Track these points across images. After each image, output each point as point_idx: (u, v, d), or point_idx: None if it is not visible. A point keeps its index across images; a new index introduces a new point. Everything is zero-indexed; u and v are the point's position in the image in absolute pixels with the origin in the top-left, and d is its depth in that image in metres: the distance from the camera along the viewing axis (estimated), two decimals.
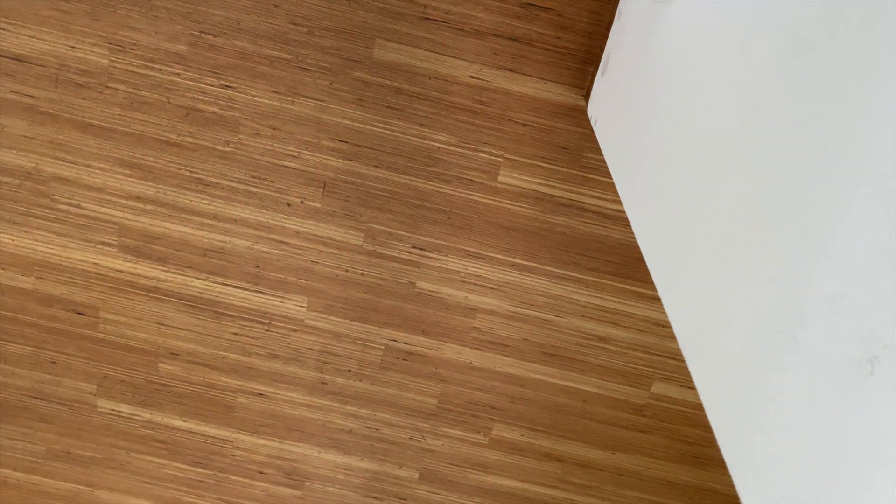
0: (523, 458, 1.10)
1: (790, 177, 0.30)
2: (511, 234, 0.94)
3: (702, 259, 0.38)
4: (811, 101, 0.30)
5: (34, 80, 0.89)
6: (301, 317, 1.01)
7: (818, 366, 0.25)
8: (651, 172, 0.51)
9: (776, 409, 0.27)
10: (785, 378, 0.28)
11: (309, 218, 0.95)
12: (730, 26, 0.41)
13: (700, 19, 0.46)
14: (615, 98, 0.69)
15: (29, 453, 1.16)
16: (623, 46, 0.70)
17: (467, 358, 1.03)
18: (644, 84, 0.58)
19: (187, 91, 0.89)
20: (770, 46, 0.35)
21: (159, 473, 1.16)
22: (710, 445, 1.07)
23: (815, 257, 0.27)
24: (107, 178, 0.94)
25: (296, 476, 1.15)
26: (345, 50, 0.86)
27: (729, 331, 0.32)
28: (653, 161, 0.51)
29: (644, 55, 0.60)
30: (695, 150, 0.43)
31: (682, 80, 0.48)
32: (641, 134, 0.56)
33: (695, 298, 0.37)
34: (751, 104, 0.36)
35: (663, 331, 0.99)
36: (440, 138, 0.89)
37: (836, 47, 0.28)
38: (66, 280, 1.01)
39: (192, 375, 1.07)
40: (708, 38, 0.44)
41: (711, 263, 0.37)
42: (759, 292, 0.31)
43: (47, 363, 1.07)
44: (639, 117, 0.58)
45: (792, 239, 0.29)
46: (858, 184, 0.25)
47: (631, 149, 0.58)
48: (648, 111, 0.56)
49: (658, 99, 0.53)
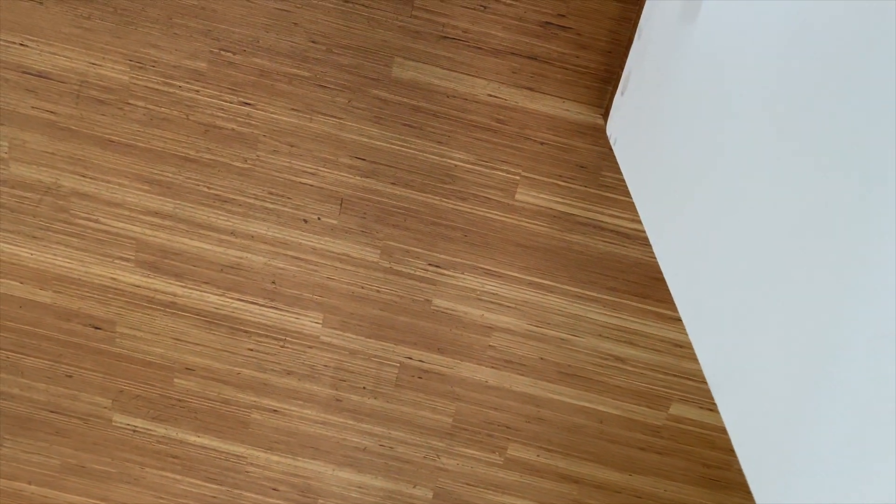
0: (539, 479, 1.09)
1: (827, 201, 0.29)
2: (528, 253, 0.94)
3: (727, 284, 0.37)
4: (850, 119, 0.29)
5: (56, 97, 0.90)
6: (316, 333, 1.01)
7: (856, 402, 0.25)
8: (674, 193, 0.50)
9: (809, 445, 0.27)
10: (820, 414, 0.27)
11: (325, 235, 0.95)
12: (757, 43, 0.40)
13: (725, 38, 0.46)
14: (635, 117, 0.69)
15: (44, 467, 1.16)
16: (644, 65, 0.69)
17: (483, 377, 1.02)
18: (666, 103, 0.58)
19: (206, 108, 0.89)
20: (803, 64, 0.34)
21: (173, 489, 1.16)
22: (728, 468, 1.05)
23: (854, 286, 0.26)
24: (125, 193, 0.94)
25: (310, 494, 1.14)
26: (363, 68, 0.86)
27: (759, 362, 0.31)
28: (676, 181, 0.51)
29: (666, 74, 0.60)
30: (722, 171, 0.42)
31: (708, 99, 0.47)
32: (664, 154, 0.55)
33: (721, 323, 0.37)
34: (784, 123, 0.35)
35: (682, 351, 0.98)
36: (458, 156, 0.89)
37: (875, 66, 0.28)
38: (83, 294, 1.01)
39: (208, 391, 1.07)
40: (734, 56, 0.44)
41: (738, 289, 0.36)
42: (793, 321, 0.30)
43: (64, 377, 1.07)
44: (661, 137, 0.57)
45: (829, 268, 0.28)
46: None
47: (652, 169, 0.58)
48: (671, 131, 0.55)
49: (682, 118, 0.52)
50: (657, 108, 0.61)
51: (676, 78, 0.56)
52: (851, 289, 0.26)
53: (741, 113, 0.40)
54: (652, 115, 0.62)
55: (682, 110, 0.52)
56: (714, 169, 0.43)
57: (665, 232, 0.50)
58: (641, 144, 0.64)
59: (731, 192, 0.40)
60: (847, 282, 0.26)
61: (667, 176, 0.53)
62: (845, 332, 0.26)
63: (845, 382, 0.25)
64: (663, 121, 0.58)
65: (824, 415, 0.26)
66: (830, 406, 0.26)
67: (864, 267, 0.26)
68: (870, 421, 0.24)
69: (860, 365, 0.25)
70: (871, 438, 0.23)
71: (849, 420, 0.25)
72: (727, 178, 0.41)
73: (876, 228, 0.25)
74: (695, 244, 0.44)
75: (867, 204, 0.26)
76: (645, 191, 0.58)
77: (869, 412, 0.24)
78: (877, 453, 0.23)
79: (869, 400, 0.24)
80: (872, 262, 0.25)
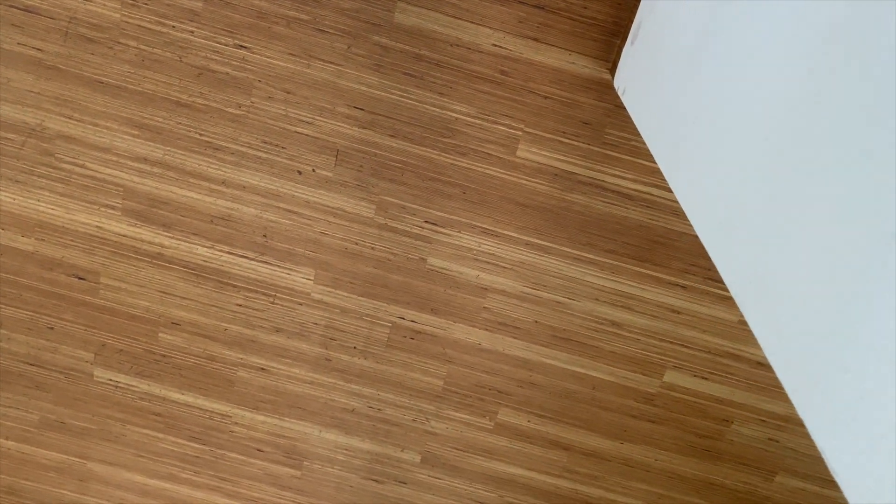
0: (529, 445, 1.07)
1: (849, 139, 0.27)
2: (527, 212, 0.92)
3: (759, 211, 0.36)
4: (875, 52, 0.27)
5: (42, 33, 0.86)
6: (307, 290, 0.99)
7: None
8: (692, 136, 0.48)
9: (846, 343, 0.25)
10: (864, 319, 0.25)
11: (320, 187, 0.92)
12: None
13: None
14: (646, 66, 0.67)
15: (22, 422, 1.13)
16: (656, 15, 0.67)
17: (476, 339, 1.00)
18: (678, 50, 0.56)
19: (200, 50, 0.86)
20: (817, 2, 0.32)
21: (155, 447, 1.14)
22: (720, 438, 1.04)
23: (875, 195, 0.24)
24: (114, 137, 0.91)
25: (295, 455, 1.12)
26: (365, 12, 0.83)
27: (796, 278, 0.30)
28: (693, 124, 0.49)
29: (677, 20, 0.58)
30: (742, 110, 0.40)
31: (721, 42, 0.45)
32: (679, 96, 0.53)
33: (753, 250, 0.35)
34: (800, 60, 0.33)
35: (679, 318, 0.96)
36: (459, 109, 0.87)
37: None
38: (67, 243, 0.98)
39: (193, 347, 1.04)
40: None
41: (771, 220, 0.34)
42: (814, 243, 0.28)
43: (45, 329, 1.04)
44: (675, 81, 0.56)
45: (856, 213, 0.26)
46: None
47: (667, 113, 0.56)
48: (686, 76, 0.53)
49: (694, 63, 0.50)
50: (669, 54, 0.59)
51: (687, 23, 0.54)
52: (870, 197, 0.24)
53: (755, 52, 0.38)
54: (664, 62, 0.60)
55: (694, 55, 0.50)
56: (736, 109, 0.41)
57: (684, 172, 0.48)
58: (653, 90, 0.62)
59: (754, 132, 0.38)
60: (866, 190, 0.25)
61: (683, 118, 0.51)
62: (872, 232, 0.24)
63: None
64: (676, 66, 0.56)
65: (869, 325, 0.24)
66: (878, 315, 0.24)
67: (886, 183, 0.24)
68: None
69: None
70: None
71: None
72: (750, 117, 0.39)
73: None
74: (717, 180, 0.42)
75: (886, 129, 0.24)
76: (660, 137, 0.56)
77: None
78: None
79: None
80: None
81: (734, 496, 1.08)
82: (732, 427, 1.03)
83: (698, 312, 0.96)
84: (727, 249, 0.37)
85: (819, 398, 0.25)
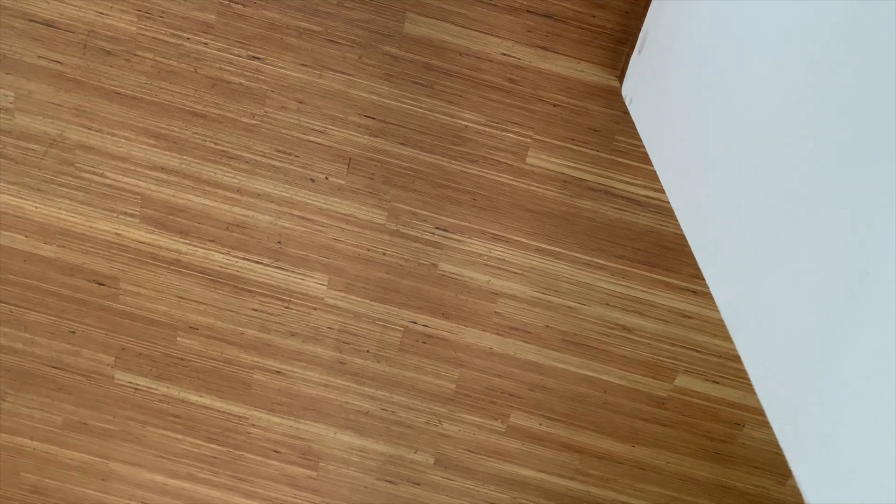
0: (541, 448, 1.08)
1: (854, 163, 0.28)
2: (537, 218, 0.92)
3: (751, 237, 0.36)
4: (879, 63, 0.28)
5: (62, 46, 0.88)
6: (321, 295, 1.00)
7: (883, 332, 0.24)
8: (695, 150, 0.49)
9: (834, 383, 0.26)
10: (844, 352, 0.26)
11: (332, 195, 0.94)
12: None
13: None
14: (652, 76, 0.67)
15: (46, 422, 1.16)
16: (662, 23, 0.68)
17: (487, 343, 1.01)
18: (684, 60, 0.56)
19: (214, 61, 0.88)
20: (824, 12, 0.33)
21: (174, 448, 1.16)
22: (731, 442, 1.05)
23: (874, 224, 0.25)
24: (132, 147, 0.93)
25: (310, 456, 1.14)
26: (375, 23, 0.84)
27: (783, 307, 0.30)
28: (698, 138, 0.49)
29: (684, 31, 0.58)
30: (747, 123, 0.41)
31: (728, 53, 0.46)
32: (684, 110, 0.54)
33: (742, 276, 0.36)
34: (807, 73, 0.34)
35: (690, 322, 0.97)
36: (468, 117, 0.88)
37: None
38: (87, 250, 1.00)
39: (210, 350, 1.06)
40: (754, 8, 0.42)
41: (762, 247, 0.35)
42: (814, 265, 0.29)
43: (67, 333, 1.07)
44: (680, 95, 0.56)
45: (848, 213, 0.27)
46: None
47: (671, 126, 0.56)
48: (689, 87, 0.54)
49: (700, 74, 0.51)
50: (675, 65, 0.59)
51: (695, 34, 0.54)
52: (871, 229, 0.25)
53: (762, 65, 0.39)
54: (669, 73, 0.61)
55: (701, 66, 0.51)
56: (741, 122, 0.42)
57: (685, 188, 0.49)
58: (659, 103, 0.62)
59: (760, 148, 0.38)
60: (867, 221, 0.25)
61: (688, 132, 0.52)
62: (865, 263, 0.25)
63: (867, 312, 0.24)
64: (681, 78, 0.56)
65: (846, 355, 0.25)
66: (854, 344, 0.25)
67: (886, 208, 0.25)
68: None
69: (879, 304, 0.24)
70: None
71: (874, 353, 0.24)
72: (757, 131, 0.39)
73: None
74: (717, 199, 0.43)
75: (889, 147, 0.25)
76: (664, 149, 0.57)
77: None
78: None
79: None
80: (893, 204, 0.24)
81: (746, 499, 1.08)
82: (744, 430, 1.04)
83: (709, 317, 0.96)
84: (718, 270, 0.37)
85: (796, 428, 0.26)
